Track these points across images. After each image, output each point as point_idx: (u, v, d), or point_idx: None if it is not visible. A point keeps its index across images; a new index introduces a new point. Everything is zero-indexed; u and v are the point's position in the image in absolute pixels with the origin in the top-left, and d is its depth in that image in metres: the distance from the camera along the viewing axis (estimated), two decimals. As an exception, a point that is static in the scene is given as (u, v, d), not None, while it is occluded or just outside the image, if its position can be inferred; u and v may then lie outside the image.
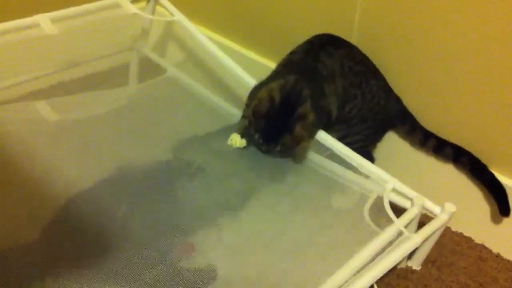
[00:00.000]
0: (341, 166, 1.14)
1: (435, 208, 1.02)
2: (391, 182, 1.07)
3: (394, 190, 1.06)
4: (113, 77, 1.39)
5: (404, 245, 0.94)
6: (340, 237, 1.03)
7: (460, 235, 1.21)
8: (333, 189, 1.14)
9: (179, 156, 1.16)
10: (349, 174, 1.13)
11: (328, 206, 1.12)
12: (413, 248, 0.96)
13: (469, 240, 1.20)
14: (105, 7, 1.19)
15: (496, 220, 1.15)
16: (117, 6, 1.20)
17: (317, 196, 1.13)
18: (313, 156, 1.18)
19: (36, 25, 1.11)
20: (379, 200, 1.06)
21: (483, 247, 1.19)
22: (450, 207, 1.00)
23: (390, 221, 0.99)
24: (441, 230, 1.03)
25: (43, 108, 1.19)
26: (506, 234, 1.14)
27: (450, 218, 1.01)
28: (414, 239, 0.95)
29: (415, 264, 1.11)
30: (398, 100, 1.23)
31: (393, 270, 1.08)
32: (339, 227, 1.06)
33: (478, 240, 1.20)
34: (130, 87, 1.42)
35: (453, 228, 1.22)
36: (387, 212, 1.01)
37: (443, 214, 1.01)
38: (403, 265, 1.11)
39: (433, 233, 1.01)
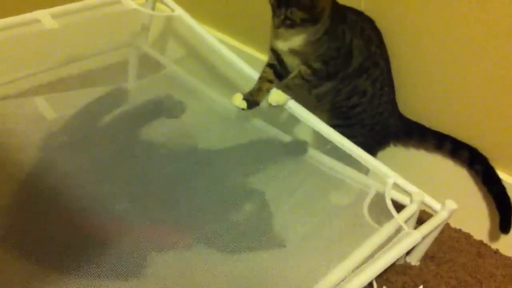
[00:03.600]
0: (341, 162, 1.14)
1: (435, 205, 1.03)
2: (393, 177, 1.07)
3: (395, 185, 1.06)
4: (112, 73, 1.38)
5: (405, 241, 0.94)
6: (339, 233, 1.03)
7: (459, 231, 1.22)
8: (332, 185, 1.14)
9: (177, 154, 1.16)
10: (348, 170, 1.13)
11: (327, 202, 1.12)
12: (413, 245, 0.96)
13: (468, 236, 1.21)
14: (105, 3, 1.19)
15: (495, 217, 1.15)
16: (117, 2, 1.19)
17: (316, 192, 1.13)
18: (313, 152, 1.18)
19: (36, 21, 1.11)
20: (378, 197, 1.06)
21: (481, 243, 1.19)
22: (451, 204, 1.01)
23: (389, 217, 0.99)
24: (441, 227, 1.03)
25: (42, 105, 1.19)
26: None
27: (450, 215, 1.01)
28: (415, 236, 0.95)
29: (414, 260, 1.11)
30: (401, 116, 1.21)
31: (391, 266, 1.07)
32: (338, 223, 1.06)
33: (477, 236, 1.21)
34: (129, 84, 1.42)
35: (452, 225, 1.22)
36: (388, 207, 1.01)
37: (443, 211, 1.01)
38: (401, 261, 1.11)
39: (433, 229, 1.01)
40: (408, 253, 1.10)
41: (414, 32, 1.16)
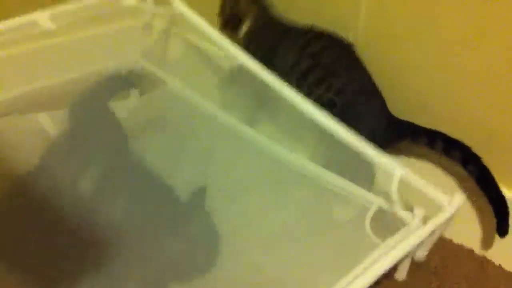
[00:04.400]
0: (341, 176, 1.14)
1: (443, 200, 1.00)
2: (399, 170, 1.03)
3: (402, 180, 1.02)
4: (111, 86, 1.38)
5: (411, 236, 0.93)
6: (340, 249, 1.02)
7: (461, 247, 1.21)
8: (332, 200, 1.13)
9: (178, 174, 1.17)
10: (349, 185, 1.13)
11: (327, 217, 1.12)
12: (420, 240, 0.94)
13: (470, 252, 1.20)
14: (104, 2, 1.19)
15: (497, 231, 1.14)
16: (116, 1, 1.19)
17: (316, 207, 1.13)
18: (312, 166, 1.18)
19: (34, 23, 1.09)
20: (380, 211, 1.06)
21: (484, 259, 1.18)
22: (458, 198, 0.99)
23: (392, 232, 0.98)
24: (447, 224, 1.00)
25: (44, 120, 1.19)
26: (507, 246, 1.13)
27: (457, 210, 0.99)
28: (421, 231, 0.94)
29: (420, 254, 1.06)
30: (390, 119, 1.19)
31: (393, 282, 1.09)
32: (339, 238, 1.05)
33: (479, 252, 1.19)
34: (130, 100, 1.42)
35: (455, 240, 1.21)
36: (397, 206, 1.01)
37: (450, 207, 0.98)
38: (403, 275, 1.10)
39: (439, 227, 0.98)
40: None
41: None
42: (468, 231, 1.16)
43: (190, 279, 0.99)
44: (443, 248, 1.07)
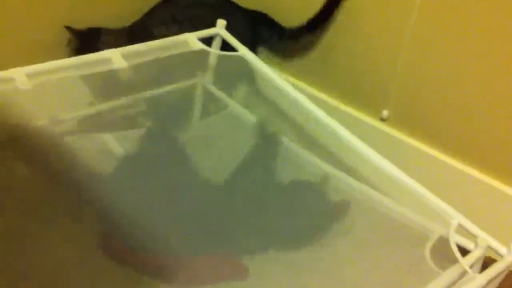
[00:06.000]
0: (399, 203, 1.13)
1: (501, 249, 0.99)
2: (457, 217, 1.03)
3: (460, 226, 1.03)
4: (176, 112, 1.42)
5: (468, 286, 0.91)
6: (398, 278, 1.01)
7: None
8: (391, 227, 1.12)
9: (236, 190, 1.18)
10: (408, 212, 1.11)
11: (385, 245, 1.10)
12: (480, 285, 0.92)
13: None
14: (173, 44, 1.25)
15: None
16: (184, 42, 1.25)
17: (374, 234, 1.12)
18: (370, 192, 1.17)
19: (107, 60, 1.17)
20: (440, 240, 1.04)
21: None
22: (518, 248, 0.97)
23: (453, 262, 0.96)
24: (506, 272, 0.99)
25: (109, 140, 1.23)
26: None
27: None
28: (479, 280, 0.92)
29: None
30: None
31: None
32: (397, 266, 1.03)
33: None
34: (192, 123, 1.45)
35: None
36: (453, 250, 0.98)
37: (509, 255, 0.97)
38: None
39: (498, 274, 0.97)
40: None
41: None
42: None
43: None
44: (504, 281, 1.03)
